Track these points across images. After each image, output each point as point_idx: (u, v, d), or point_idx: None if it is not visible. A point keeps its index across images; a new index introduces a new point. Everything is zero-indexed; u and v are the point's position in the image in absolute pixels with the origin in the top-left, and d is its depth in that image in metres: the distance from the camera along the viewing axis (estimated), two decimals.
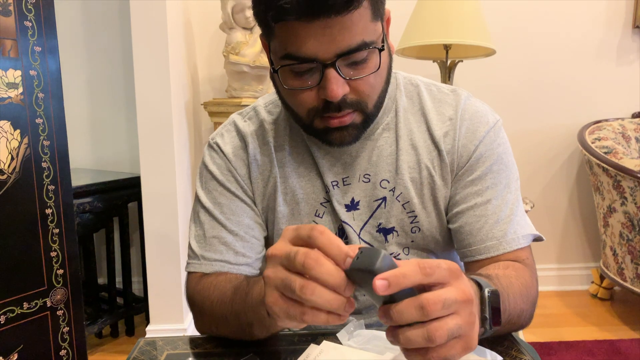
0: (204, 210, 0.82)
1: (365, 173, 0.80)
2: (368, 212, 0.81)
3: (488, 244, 0.76)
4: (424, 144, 0.79)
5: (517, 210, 0.79)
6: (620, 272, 2.16)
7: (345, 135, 0.72)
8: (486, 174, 0.78)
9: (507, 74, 2.47)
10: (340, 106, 0.68)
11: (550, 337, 2.09)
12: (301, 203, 0.81)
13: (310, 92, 0.68)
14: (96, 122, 2.50)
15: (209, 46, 2.39)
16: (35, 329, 1.37)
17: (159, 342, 0.74)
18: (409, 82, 0.84)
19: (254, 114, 0.85)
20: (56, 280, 1.41)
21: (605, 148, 2.16)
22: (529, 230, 0.78)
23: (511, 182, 0.80)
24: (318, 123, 0.72)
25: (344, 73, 0.66)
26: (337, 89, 0.65)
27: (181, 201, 1.94)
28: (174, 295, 1.94)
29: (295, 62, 0.66)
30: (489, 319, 0.55)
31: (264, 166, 0.82)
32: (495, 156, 0.78)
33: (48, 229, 1.38)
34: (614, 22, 2.45)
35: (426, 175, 0.79)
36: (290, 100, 0.72)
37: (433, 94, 0.82)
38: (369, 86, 0.69)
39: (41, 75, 1.34)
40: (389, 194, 0.80)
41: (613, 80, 2.49)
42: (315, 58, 0.65)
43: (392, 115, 0.81)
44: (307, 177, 0.81)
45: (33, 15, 1.31)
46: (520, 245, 0.76)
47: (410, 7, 1.95)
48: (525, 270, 0.74)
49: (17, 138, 1.29)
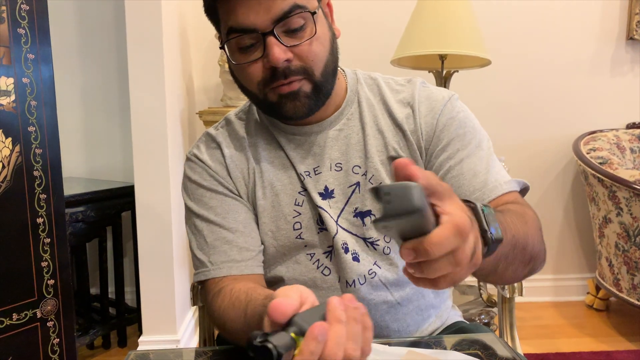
0: (199, 219, 0.84)
1: (337, 162, 0.84)
2: (343, 199, 0.83)
3: (471, 198, 0.75)
4: (388, 129, 0.84)
5: (494, 164, 0.80)
6: (616, 282, 2.15)
7: (298, 105, 0.76)
8: (452, 138, 0.81)
9: (503, 84, 2.47)
10: (286, 73, 0.73)
11: (547, 348, 2.07)
12: (280, 194, 0.84)
13: (257, 65, 0.75)
14: (90, 130, 2.48)
15: (205, 55, 2.39)
16: (24, 341, 1.35)
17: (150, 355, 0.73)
18: (368, 76, 0.90)
19: (225, 123, 0.91)
20: (47, 290, 1.39)
21: (601, 159, 2.17)
22: (508, 177, 0.79)
23: (482, 141, 0.82)
24: (271, 95, 0.76)
25: (284, 41, 0.72)
26: (278, 53, 0.71)
27: (175, 211, 1.93)
28: (167, 306, 1.91)
29: (237, 34, 0.73)
30: (489, 230, 0.52)
31: (242, 165, 0.86)
32: (457, 121, 0.82)
33: (39, 239, 1.35)
34: (608, 33, 2.47)
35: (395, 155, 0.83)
36: (241, 77, 0.78)
37: (390, 86, 0.88)
38: (311, 52, 0.74)
39: (34, 83, 1.33)
40: (361, 178, 0.83)
41: (607, 91, 2.50)
42: (255, 28, 0.72)
43: (355, 106, 0.86)
44: (282, 169, 0.85)
45: (26, 22, 1.30)
46: (503, 191, 0.76)
47: (406, 17, 1.95)
48: (514, 206, 0.72)
49: (8, 146, 1.28)
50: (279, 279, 0.86)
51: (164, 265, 1.90)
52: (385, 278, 0.83)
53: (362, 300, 0.80)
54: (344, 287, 0.83)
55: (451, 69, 2.00)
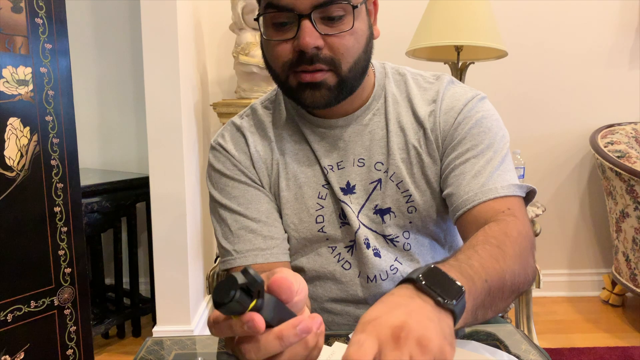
0: (222, 208, 0.84)
1: (360, 157, 0.83)
2: (364, 195, 0.83)
3: (464, 198, 0.76)
4: (410, 126, 0.82)
5: (500, 166, 0.78)
6: (633, 278, 2.12)
7: (317, 95, 0.74)
8: (464, 137, 0.80)
9: (519, 76, 2.44)
10: (313, 59, 0.72)
11: (561, 343, 2.05)
12: (304, 187, 0.84)
13: (286, 45, 0.73)
14: (105, 122, 2.50)
15: (219, 47, 2.39)
16: (42, 328, 1.37)
17: (167, 342, 0.73)
18: (397, 71, 0.88)
19: (251, 112, 0.89)
20: (64, 279, 1.40)
21: (619, 152, 2.13)
22: (512, 182, 0.76)
23: (495, 142, 0.80)
24: (292, 80, 0.75)
25: (319, 28, 0.71)
26: (309, 38, 0.70)
27: (189, 202, 1.94)
28: (181, 296, 1.93)
29: (274, 10, 0.72)
30: (442, 297, 0.47)
31: (266, 155, 0.85)
32: (474, 121, 0.80)
33: (56, 227, 1.37)
34: (627, 25, 2.43)
35: (414, 154, 0.82)
36: (268, 54, 0.77)
37: (418, 83, 0.86)
38: (343, 45, 0.73)
39: (51, 73, 1.34)
40: (383, 175, 0.82)
41: (626, 83, 2.46)
42: (293, 8, 0.70)
43: (382, 101, 0.85)
44: (307, 162, 0.84)
45: (44, 12, 1.30)
46: (498, 194, 0.74)
47: (421, 8, 1.94)
48: (497, 227, 0.68)
49: (26, 135, 1.29)
50: (299, 270, 0.86)
51: (178, 255, 1.92)
52: (407, 274, 0.82)
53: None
54: (364, 282, 0.83)
55: (467, 61, 1.98)
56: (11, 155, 1.26)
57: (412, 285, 0.50)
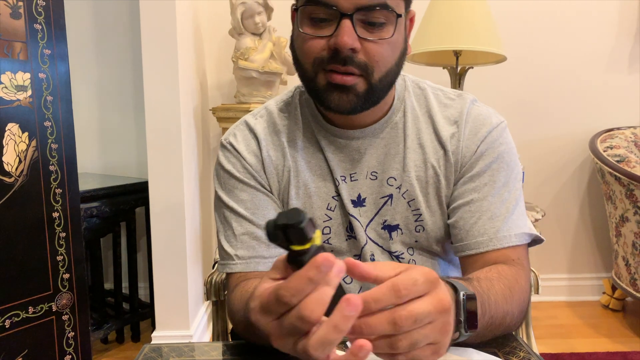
0: (228, 210, 0.82)
1: (373, 170, 0.81)
2: (374, 209, 0.82)
3: (479, 240, 0.76)
4: (430, 144, 0.81)
5: (515, 210, 0.78)
6: (633, 282, 2.12)
7: (344, 99, 0.72)
8: (484, 171, 0.79)
9: (518, 81, 2.44)
10: (346, 60, 0.69)
11: (562, 348, 2.05)
12: (313, 197, 0.82)
13: (321, 40, 0.71)
14: (104, 126, 2.50)
15: (218, 52, 2.39)
16: (40, 334, 1.36)
17: (164, 349, 0.73)
18: (417, 85, 0.86)
19: (265, 112, 0.87)
20: (62, 284, 1.40)
21: (618, 156, 2.13)
22: (525, 230, 0.78)
23: (510, 181, 0.80)
24: (321, 78, 0.73)
25: (359, 31, 0.69)
26: (348, 37, 0.68)
27: (189, 207, 1.93)
28: (181, 301, 1.92)
29: (315, 4, 0.69)
30: (464, 323, 0.54)
31: (277, 161, 0.83)
32: (496, 154, 0.79)
33: (55, 233, 1.37)
34: (626, 30, 2.43)
35: (432, 174, 0.80)
36: (299, 48, 0.74)
37: (439, 98, 0.84)
38: (379, 53, 0.71)
39: (50, 79, 1.34)
40: (395, 191, 0.81)
41: (625, 88, 2.46)
42: (336, 5, 0.68)
43: (401, 115, 0.82)
44: (319, 171, 0.82)
45: (43, 18, 1.31)
46: (511, 243, 0.75)
47: (420, 12, 1.94)
48: (510, 271, 0.72)
49: (25, 141, 1.29)
50: None
51: (177, 261, 1.91)
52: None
53: None
54: None
55: (466, 65, 1.98)
56: (9, 160, 1.26)
57: (452, 291, 0.54)
